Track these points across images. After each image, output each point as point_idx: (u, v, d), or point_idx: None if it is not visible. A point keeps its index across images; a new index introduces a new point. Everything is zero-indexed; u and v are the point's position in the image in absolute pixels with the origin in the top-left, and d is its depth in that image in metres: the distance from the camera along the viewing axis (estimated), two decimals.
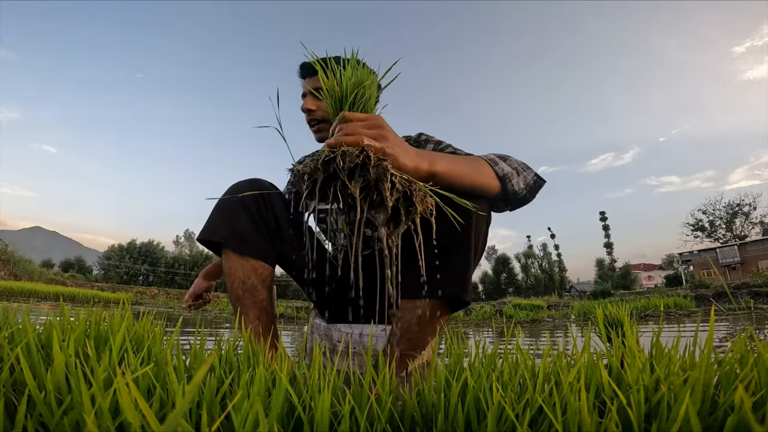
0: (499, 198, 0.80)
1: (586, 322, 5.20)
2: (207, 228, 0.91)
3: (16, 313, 0.74)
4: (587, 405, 0.40)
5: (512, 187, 0.79)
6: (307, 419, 0.42)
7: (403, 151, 0.62)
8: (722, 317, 4.13)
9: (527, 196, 0.82)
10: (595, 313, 3.77)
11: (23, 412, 0.34)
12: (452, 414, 0.45)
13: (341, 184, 0.55)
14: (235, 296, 0.89)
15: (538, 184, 0.83)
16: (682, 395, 0.40)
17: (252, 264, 0.89)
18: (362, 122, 0.60)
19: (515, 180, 0.79)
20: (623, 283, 36.00)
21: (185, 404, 0.20)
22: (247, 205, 0.90)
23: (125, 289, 17.69)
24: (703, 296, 7.99)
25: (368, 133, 0.59)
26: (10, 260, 15.04)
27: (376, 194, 0.55)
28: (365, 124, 0.60)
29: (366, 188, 0.55)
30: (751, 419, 0.34)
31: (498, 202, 0.83)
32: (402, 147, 0.62)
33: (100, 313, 0.70)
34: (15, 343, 0.57)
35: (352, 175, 0.55)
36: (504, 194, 0.79)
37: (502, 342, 0.71)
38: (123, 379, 0.29)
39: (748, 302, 5.63)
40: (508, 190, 0.78)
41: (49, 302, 7.14)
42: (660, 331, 0.62)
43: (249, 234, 0.89)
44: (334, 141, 0.57)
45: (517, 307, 8.42)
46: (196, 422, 0.42)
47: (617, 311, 2.24)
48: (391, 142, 0.60)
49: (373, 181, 0.54)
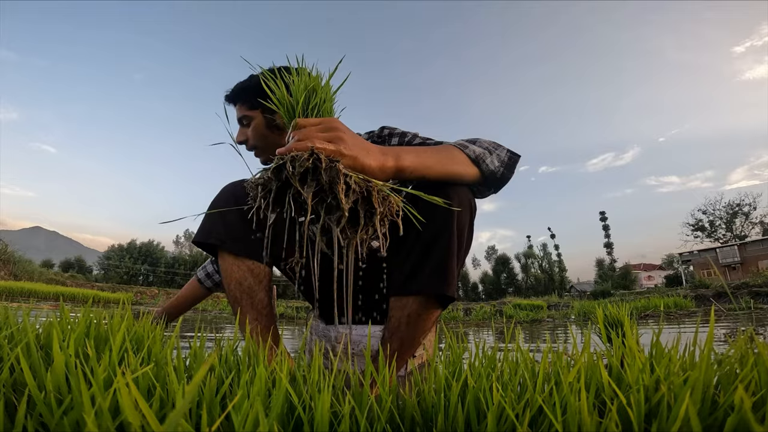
0: (478, 182, 0.79)
1: (586, 322, 5.20)
2: (202, 230, 0.91)
3: (16, 313, 0.74)
4: (587, 405, 0.40)
5: (487, 167, 0.78)
6: (307, 419, 0.42)
7: (364, 151, 0.60)
8: (722, 317, 4.13)
9: (505, 173, 0.80)
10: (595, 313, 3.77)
11: (23, 412, 0.34)
12: (452, 414, 0.45)
13: (295, 191, 0.54)
14: (233, 298, 0.89)
15: (513, 159, 0.81)
16: (682, 395, 0.40)
17: (248, 265, 0.89)
18: (315, 126, 0.60)
19: (489, 159, 0.78)
20: (623, 283, 36.01)
21: (185, 404, 0.20)
22: (240, 206, 0.90)
23: (125, 289, 17.69)
24: (703, 296, 8.00)
25: (322, 137, 0.58)
26: (10, 260, 15.04)
27: (331, 197, 0.54)
28: (319, 128, 0.59)
29: (320, 192, 0.54)
30: (751, 419, 0.34)
31: (479, 187, 0.82)
32: (362, 147, 0.60)
33: (100, 313, 0.70)
34: (15, 342, 0.57)
35: (304, 180, 0.53)
36: (482, 176, 0.78)
37: (502, 342, 0.71)
38: (123, 379, 0.29)
39: (748, 302, 5.63)
40: (484, 170, 0.77)
41: (49, 302, 7.14)
42: (660, 331, 0.62)
43: (244, 235, 0.89)
44: (284, 149, 0.56)
45: (517, 307, 8.42)
46: (196, 422, 0.42)
47: (617, 311, 2.24)
48: (348, 143, 0.59)
49: (327, 185, 0.53)
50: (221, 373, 0.52)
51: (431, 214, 0.71)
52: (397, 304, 0.79)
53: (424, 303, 0.77)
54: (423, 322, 0.78)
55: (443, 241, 0.74)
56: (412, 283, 0.76)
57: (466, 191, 0.77)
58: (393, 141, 0.98)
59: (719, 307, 5.05)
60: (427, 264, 0.75)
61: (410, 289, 0.77)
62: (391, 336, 0.78)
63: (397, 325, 0.78)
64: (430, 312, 0.79)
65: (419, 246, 0.75)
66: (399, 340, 0.78)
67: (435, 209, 0.70)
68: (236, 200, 0.90)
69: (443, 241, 0.74)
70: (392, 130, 1.00)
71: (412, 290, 0.76)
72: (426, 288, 0.75)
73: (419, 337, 0.79)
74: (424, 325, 0.78)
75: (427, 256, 0.75)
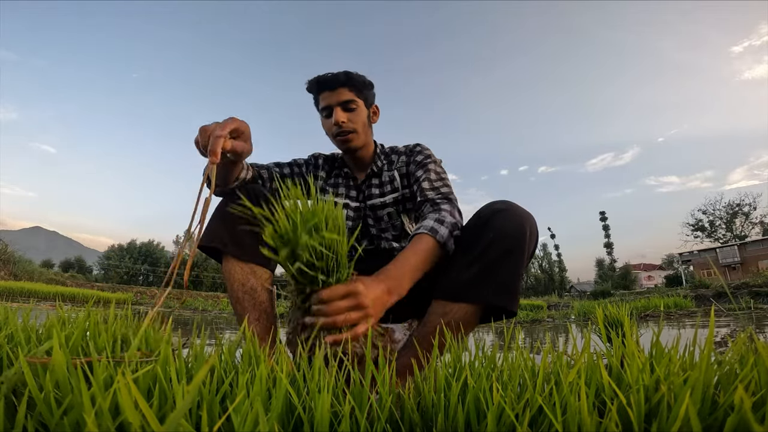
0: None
1: (586, 322, 5.20)
2: (206, 234, 0.93)
3: (16, 313, 0.74)
4: (587, 405, 0.40)
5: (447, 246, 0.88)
6: (307, 419, 0.42)
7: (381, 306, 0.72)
8: (722, 317, 4.13)
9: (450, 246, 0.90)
10: (595, 313, 3.77)
11: (23, 412, 0.34)
12: (452, 414, 0.45)
13: None
14: (235, 298, 0.90)
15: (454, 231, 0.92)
16: (682, 395, 0.40)
17: (251, 267, 0.91)
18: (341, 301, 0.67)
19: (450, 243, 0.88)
20: (623, 283, 36.01)
21: (185, 404, 0.20)
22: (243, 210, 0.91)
23: (125, 289, 17.69)
24: (703, 296, 7.99)
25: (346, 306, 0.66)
26: (10, 260, 15.04)
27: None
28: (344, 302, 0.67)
29: None
30: (751, 419, 0.34)
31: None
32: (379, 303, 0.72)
33: (99, 313, 0.70)
34: (15, 342, 0.57)
35: None
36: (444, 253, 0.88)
37: (501, 342, 0.71)
38: (123, 379, 0.29)
39: (748, 302, 5.63)
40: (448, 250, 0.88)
41: (49, 302, 7.14)
42: (660, 331, 0.62)
43: (247, 239, 0.90)
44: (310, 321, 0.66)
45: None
46: (197, 422, 0.42)
47: (617, 311, 2.24)
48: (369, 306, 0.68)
49: None
50: (221, 373, 0.52)
51: (505, 232, 0.80)
52: (440, 309, 0.82)
53: (473, 313, 0.81)
54: (463, 330, 0.80)
55: (514, 259, 0.80)
56: (474, 291, 0.80)
57: (536, 225, 0.86)
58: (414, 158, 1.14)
59: (719, 307, 5.05)
60: (494, 277, 0.80)
61: (470, 297, 0.80)
62: (423, 339, 0.80)
63: (432, 330, 0.80)
64: (474, 323, 0.83)
65: (486, 259, 0.80)
66: (429, 345, 0.79)
67: (509, 229, 0.80)
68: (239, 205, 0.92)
69: (514, 258, 0.80)
70: (422, 150, 1.15)
71: (472, 298, 0.80)
72: (493, 299, 0.80)
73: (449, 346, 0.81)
74: (462, 334, 0.79)
75: (495, 270, 0.80)
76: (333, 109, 1.08)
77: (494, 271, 0.80)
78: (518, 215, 0.82)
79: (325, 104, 1.10)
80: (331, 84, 1.08)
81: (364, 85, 1.12)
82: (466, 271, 0.81)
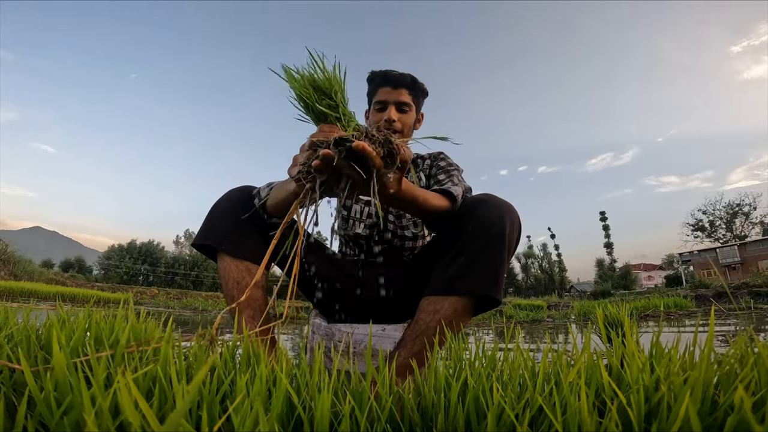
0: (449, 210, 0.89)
1: (586, 322, 5.20)
2: (201, 233, 0.94)
3: (16, 313, 0.74)
4: (587, 405, 0.40)
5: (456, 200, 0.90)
6: (307, 419, 0.42)
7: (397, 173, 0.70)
8: (722, 317, 4.13)
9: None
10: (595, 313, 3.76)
11: (23, 412, 0.34)
12: (452, 414, 0.45)
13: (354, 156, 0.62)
14: (230, 297, 0.91)
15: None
16: (682, 395, 0.40)
17: (246, 265, 0.92)
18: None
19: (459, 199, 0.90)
20: (623, 283, 36.00)
21: (185, 404, 0.20)
22: (239, 210, 0.92)
23: (125, 289, 17.69)
24: (703, 296, 7.99)
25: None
26: (10, 260, 15.04)
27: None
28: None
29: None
30: (751, 419, 0.34)
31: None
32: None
33: (99, 314, 0.70)
34: (15, 342, 0.57)
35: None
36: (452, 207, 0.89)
37: (502, 342, 0.71)
38: (123, 379, 0.29)
39: (748, 302, 5.63)
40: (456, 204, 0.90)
41: (49, 302, 7.14)
42: (660, 331, 0.62)
43: (241, 237, 0.91)
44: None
45: (517, 307, 8.41)
46: (197, 422, 0.42)
47: (617, 311, 2.24)
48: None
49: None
50: (221, 373, 0.52)
51: (486, 222, 0.80)
52: (430, 306, 0.82)
53: (463, 306, 0.81)
54: (455, 326, 0.80)
55: (497, 248, 0.80)
56: (459, 283, 0.80)
57: (518, 215, 0.86)
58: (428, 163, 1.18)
59: (719, 307, 5.05)
60: (478, 267, 0.80)
61: (456, 289, 0.80)
62: (415, 338, 0.80)
63: (425, 328, 0.80)
64: (466, 316, 0.82)
65: (469, 251, 0.81)
66: (421, 344, 0.79)
67: (490, 218, 0.80)
68: (235, 205, 0.93)
69: (497, 247, 0.80)
70: (446, 158, 1.17)
71: (459, 290, 0.80)
72: (477, 288, 0.80)
73: (443, 342, 0.80)
74: (454, 330, 0.80)
75: (478, 260, 0.80)
76: (388, 106, 1.11)
77: (477, 261, 0.80)
78: (497, 206, 0.83)
79: (382, 98, 1.12)
80: (395, 82, 1.11)
81: (422, 93, 1.17)
82: (452, 265, 0.82)
